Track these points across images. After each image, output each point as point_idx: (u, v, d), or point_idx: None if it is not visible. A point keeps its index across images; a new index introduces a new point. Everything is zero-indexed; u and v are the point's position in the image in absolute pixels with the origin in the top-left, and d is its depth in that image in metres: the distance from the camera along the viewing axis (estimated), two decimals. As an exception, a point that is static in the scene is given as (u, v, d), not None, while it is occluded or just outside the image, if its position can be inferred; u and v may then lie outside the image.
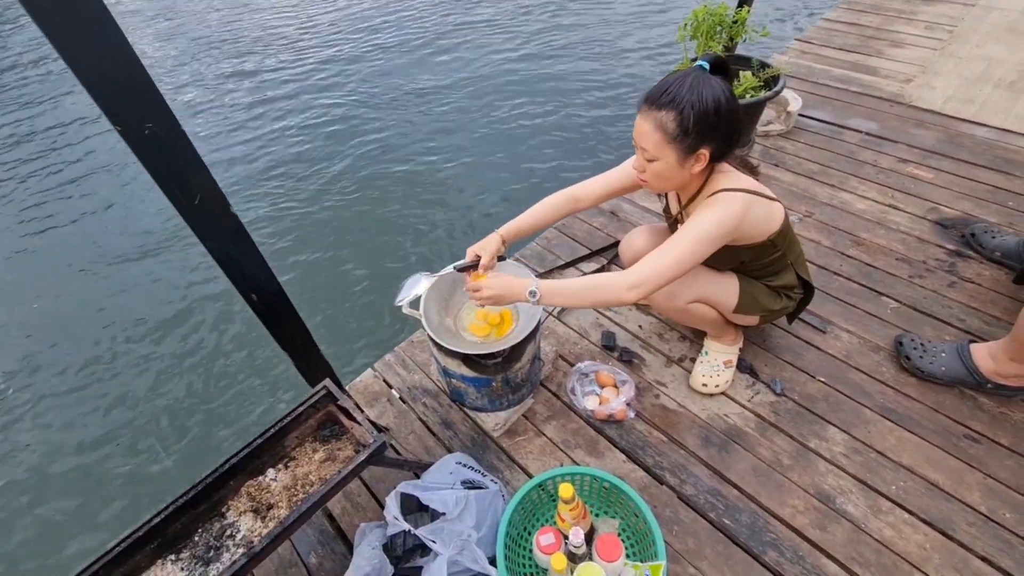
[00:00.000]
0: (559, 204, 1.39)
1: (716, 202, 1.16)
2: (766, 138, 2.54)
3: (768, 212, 1.23)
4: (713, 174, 1.21)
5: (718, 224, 1.13)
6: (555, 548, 1.11)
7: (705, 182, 1.22)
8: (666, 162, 1.12)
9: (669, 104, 1.06)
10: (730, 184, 1.17)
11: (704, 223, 1.14)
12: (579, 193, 1.40)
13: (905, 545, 1.21)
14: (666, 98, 1.06)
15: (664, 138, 1.09)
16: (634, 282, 1.11)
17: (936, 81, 2.78)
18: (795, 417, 1.47)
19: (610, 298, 1.14)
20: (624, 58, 4.76)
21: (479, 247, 1.32)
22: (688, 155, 1.10)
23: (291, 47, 5.53)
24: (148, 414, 2.40)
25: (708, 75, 1.08)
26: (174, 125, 0.80)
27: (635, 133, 1.14)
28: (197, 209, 0.89)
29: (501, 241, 1.33)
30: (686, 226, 1.15)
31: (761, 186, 1.23)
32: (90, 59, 0.69)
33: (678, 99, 1.05)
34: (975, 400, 1.47)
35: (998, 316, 1.67)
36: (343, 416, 1.21)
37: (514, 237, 1.36)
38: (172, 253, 3.24)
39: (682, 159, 1.11)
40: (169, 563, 1.04)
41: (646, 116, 1.10)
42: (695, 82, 1.06)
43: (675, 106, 1.05)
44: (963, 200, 2.11)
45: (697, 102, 1.04)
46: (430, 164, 3.75)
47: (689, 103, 1.04)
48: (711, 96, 1.05)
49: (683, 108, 1.05)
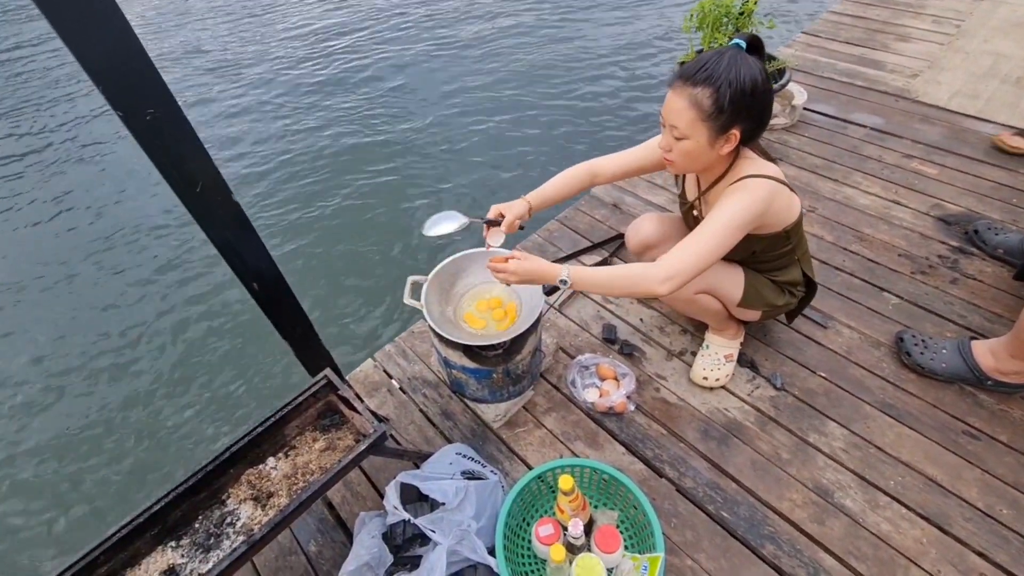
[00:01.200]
0: (578, 176, 1.39)
1: (742, 188, 1.14)
2: (770, 131, 2.52)
3: (789, 202, 1.22)
4: (738, 159, 1.20)
5: (745, 210, 1.12)
6: (554, 539, 1.12)
7: (729, 167, 1.21)
8: (696, 141, 1.10)
9: (706, 80, 1.04)
10: (755, 170, 1.16)
11: (731, 210, 1.12)
12: (597, 168, 1.40)
13: (902, 540, 1.22)
14: (702, 74, 1.04)
15: (698, 115, 1.07)
16: (667, 274, 1.10)
17: (943, 76, 2.75)
18: (795, 412, 1.48)
19: (642, 290, 1.14)
20: (625, 52, 4.72)
21: (505, 206, 1.32)
22: (720, 135, 1.09)
23: (300, 39, 5.48)
24: (148, 404, 2.40)
25: (745, 54, 1.06)
26: (176, 111, 0.79)
27: (665, 110, 1.12)
28: (199, 196, 0.88)
29: (528, 207, 1.33)
30: (713, 215, 1.14)
31: (781, 174, 1.21)
32: (92, 43, 0.67)
33: (715, 76, 1.03)
34: (975, 397, 1.47)
35: (999, 313, 1.66)
36: (343, 406, 1.21)
37: (540, 204, 1.36)
38: (173, 240, 3.23)
39: (713, 138, 1.09)
40: (169, 550, 1.04)
41: (680, 92, 1.07)
42: (732, 60, 1.04)
43: (712, 83, 1.03)
44: (967, 196, 2.10)
45: (735, 80, 1.02)
46: (435, 152, 3.73)
47: (727, 80, 1.03)
48: (748, 75, 1.03)
49: (720, 85, 1.03)
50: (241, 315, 2.71)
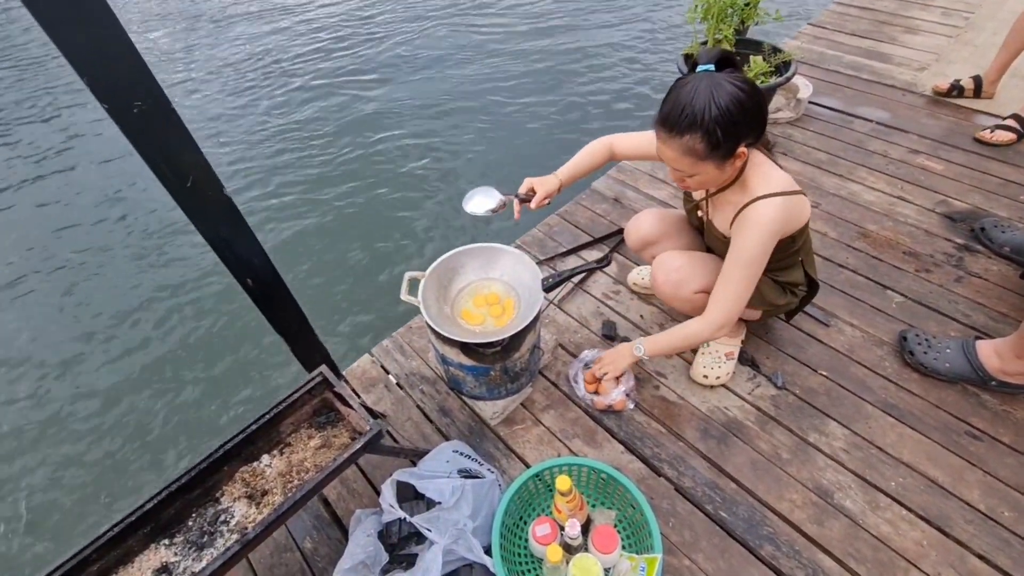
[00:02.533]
0: (600, 150, 1.42)
1: (756, 223, 1.14)
2: (775, 125, 2.49)
3: (800, 209, 1.21)
4: (747, 165, 1.18)
5: (763, 243, 1.15)
6: (551, 539, 1.11)
7: (739, 173, 1.19)
8: (706, 173, 1.10)
9: (690, 127, 1.02)
10: (764, 185, 1.14)
11: (749, 247, 1.16)
12: (616, 145, 1.43)
13: (902, 541, 1.21)
14: (685, 120, 1.02)
15: (696, 159, 1.06)
16: (718, 326, 1.25)
17: (950, 70, 2.71)
18: (795, 411, 1.46)
19: (693, 343, 1.34)
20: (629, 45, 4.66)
21: (538, 181, 1.35)
22: (726, 160, 1.08)
23: (290, 29, 5.42)
24: (143, 399, 2.39)
25: (717, 76, 1.02)
26: (165, 104, 0.76)
27: (662, 156, 1.12)
28: (189, 191, 0.86)
29: (559, 183, 1.37)
30: (735, 255, 1.18)
31: (789, 179, 1.19)
32: (74, 32, 0.65)
33: (698, 117, 1.00)
34: (978, 397, 1.45)
35: (1005, 312, 1.64)
36: (339, 403, 1.19)
37: (569, 179, 1.40)
38: (168, 236, 3.21)
39: (721, 165, 1.09)
40: (163, 548, 1.03)
41: (669, 143, 1.06)
42: (707, 93, 1.00)
43: (698, 127, 1.01)
44: (973, 193, 2.07)
45: (719, 113, 1.00)
46: (432, 144, 3.70)
47: (712, 119, 1.00)
48: (730, 99, 1.00)
49: (707, 126, 1.01)
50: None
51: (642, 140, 1.39)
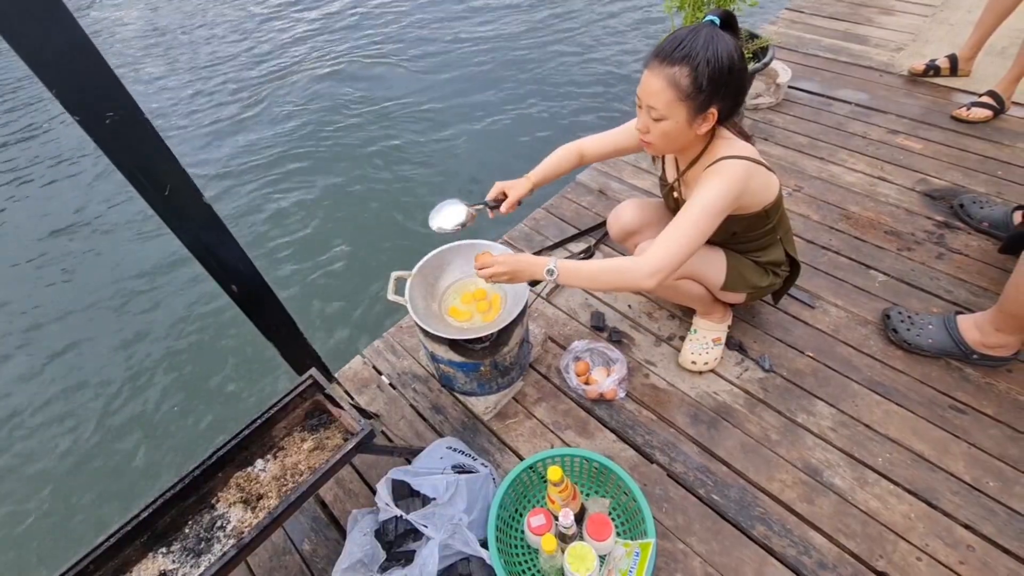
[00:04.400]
0: (568, 155, 1.41)
1: (717, 172, 1.13)
2: (755, 111, 2.50)
3: (767, 181, 1.22)
4: (715, 139, 1.19)
5: (721, 195, 1.11)
6: (546, 529, 1.12)
7: (706, 147, 1.20)
8: (675, 121, 1.09)
9: (683, 59, 1.02)
10: (731, 151, 1.15)
11: (708, 196, 1.11)
12: (585, 148, 1.42)
13: (890, 515, 1.23)
14: (679, 53, 1.02)
15: (676, 95, 1.05)
16: (653, 268, 1.10)
17: (927, 49, 2.73)
18: (783, 393, 1.48)
19: (628, 284, 1.14)
20: (606, 35, 4.66)
21: (508, 185, 1.33)
22: (698, 114, 1.07)
23: (261, 28, 5.38)
24: (133, 404, 2.39)
25: (719, 30, 1.04)
26: (137, 113, 0.76)
27: (642, 91, 1.10)
28: (167, 200, 0.86)
29: (530, 185, 1.35)
30: (691, 203, 1.13)
31: (756, 153, 1.20)
32: (41, 44, 0.65)
33: (693, 54, 1.01)
34: (961, 371, 1.48)
35: (985, 287, 1.67)
36: (330, 404, 1.20)
37: (540, 181, 1.39)
38: (153, 239, 3.19)
39: (691, 118, 1.08)
40: (160, 556, 1.04)
41: (657, 72, 1.05)
42: (709, 37, 1.01)
43: (690, 61, 1.01)
44: (952, 170, 2.10)
45: (713, 57, 1.01)
46: (417, 143, 3.69)
47: (704, 59, 1.00)
48: (725, 52, 1.01)
49: (698, 64, 1.01)
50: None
51: (609, 138, 1.39)
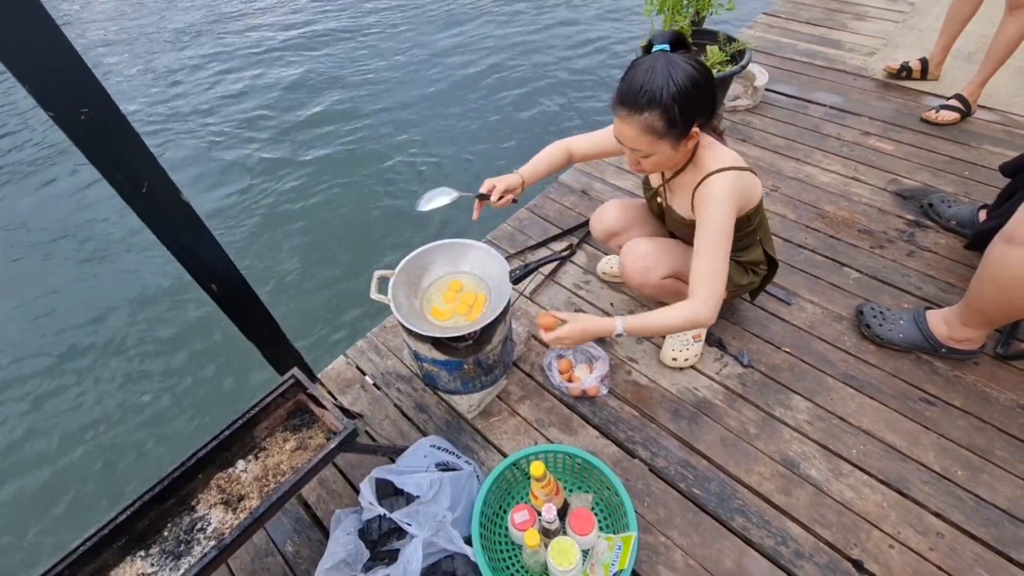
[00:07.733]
0: (557, 153, 1.44)
1: (712, 195, 1.17)
2: (733, 113, 2.55)
3: (752, 185, 1.25)
4: (698, 147, 1.22)
5: (727, 213, 1.17)
6: (529, 525, 1.13)
7: (692, 154, 1.23)
8: (662, 154, 1.13)
9: (649, 104, 1.04)
10: (717, 162, 1.18)
11: (716, 219, 1.17)
12: (573, 147, 1.45)
13: (864, 505, 1.27)
14: (644, 99, 1.04)
15: (655, 137, 1.08)
16: (713, 307, 1.19)
17: (898, 54, 2.81)
18: (761, 388, 1.51)
19: (692, 324, 1.22)
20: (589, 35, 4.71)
21: (499, 180, 1.35)
22: (681, 140, 1.11)
23: (241, 22, 5.31)
24: (119, 410, 2.34)
25: (672, 55, 1.05)
26: (113, 109, 0.76)
27: (620, 137, 1.14)
28: (145, 198, 0.85)
29: (521, 179, 1.38)
30: (704, 232, 1.18)
31: (738, 156, 1.23)
32: (12, 39, 0.64)
33: (657, 95, 1.03)
34: (931, 365, 1.52)
35: (953, 283, 1.73)
36: (313, 404, 1.20)
37: (532, 178, 1.41)
38: (132, 241, 3.13)
39: (676, 145, 1.12)
40: (139, 559, 1.02)
41: (628, 121, 1.08)
42: (665, 70, 1.03)
43: (657, 104, 1.03)
44: (922, 171, 2.16)
45: (676, 91, 1.02)
46: (403, 146, 3.68)
47: (670, 96, 1.02)
48: (686, 77, 1.03)
49: (665, 104, 1.03)
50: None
51: (597, 139, 1.42)
